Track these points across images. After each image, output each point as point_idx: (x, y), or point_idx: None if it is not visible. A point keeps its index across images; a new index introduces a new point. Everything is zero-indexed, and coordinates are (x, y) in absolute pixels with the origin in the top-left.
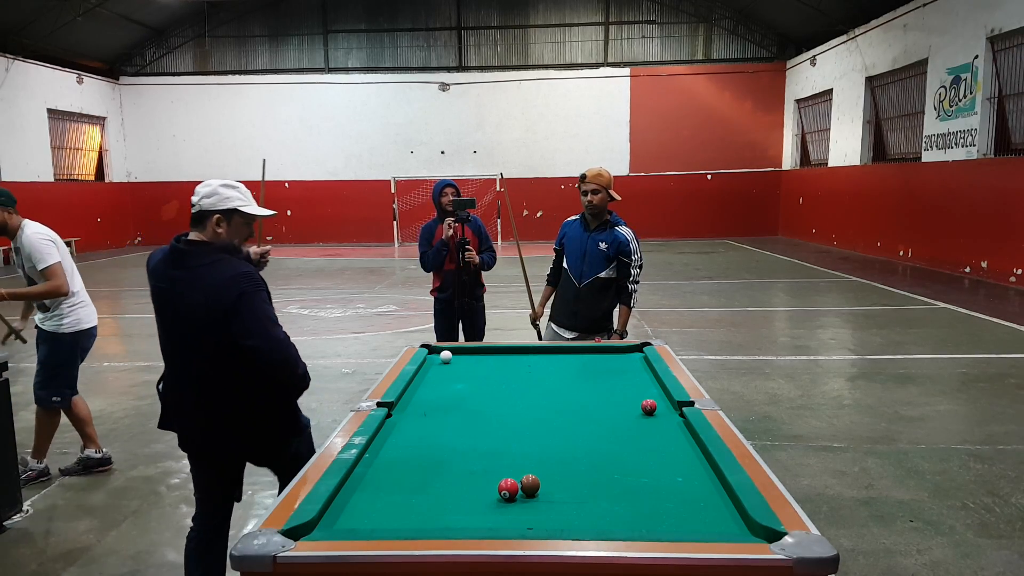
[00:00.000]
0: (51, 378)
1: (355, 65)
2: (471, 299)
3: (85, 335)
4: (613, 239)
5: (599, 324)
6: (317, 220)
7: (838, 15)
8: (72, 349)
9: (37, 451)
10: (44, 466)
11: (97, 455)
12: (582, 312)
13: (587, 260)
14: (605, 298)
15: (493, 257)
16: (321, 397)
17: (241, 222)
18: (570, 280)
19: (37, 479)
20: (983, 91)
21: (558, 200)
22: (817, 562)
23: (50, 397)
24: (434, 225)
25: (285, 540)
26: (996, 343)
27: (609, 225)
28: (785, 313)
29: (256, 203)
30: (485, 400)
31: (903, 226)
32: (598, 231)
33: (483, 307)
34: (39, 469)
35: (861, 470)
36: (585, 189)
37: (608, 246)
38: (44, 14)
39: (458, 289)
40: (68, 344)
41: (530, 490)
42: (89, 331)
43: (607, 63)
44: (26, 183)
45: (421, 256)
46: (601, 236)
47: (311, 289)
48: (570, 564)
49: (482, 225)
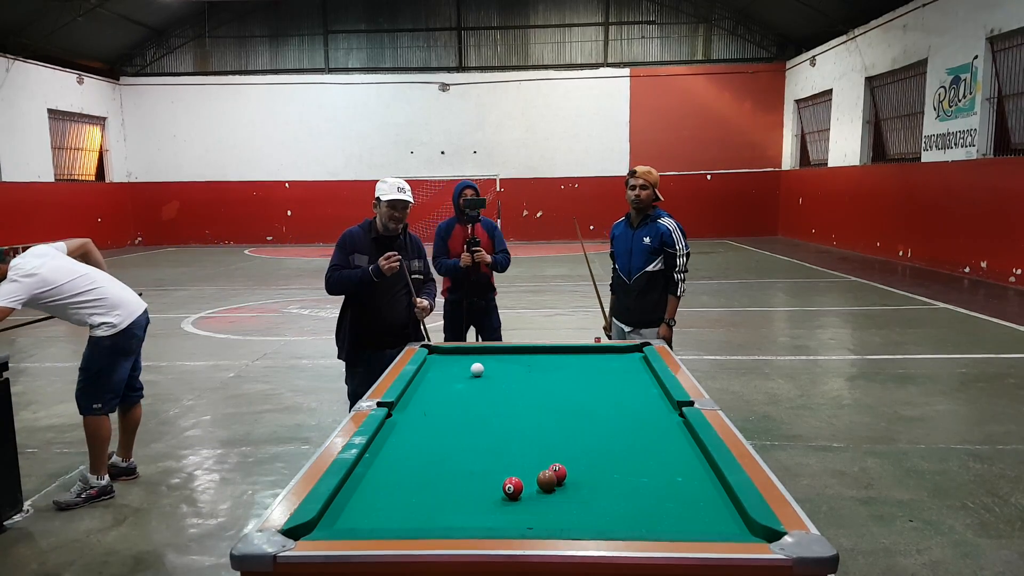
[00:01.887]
0: (90, 384)
1: (355, 65)
2: (480, 300)
3: (123, 336)
4: (656, 232)
5: (651, 317)
6: (317, 220)
7: (838, 15)
8: (111, 354)
9: (94, 466)
10: (107, 482)
11: (123, 464)
12: (635, 307)
13: (633, 256)
14: (655, 291)
15: (507, 259)
16: (321, 397)
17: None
18: (620, 278)
19: (99, 497)
20: (983, 91)
21: (558, 200)
22: (817, 562)
23: (91, 404)
24: (451, 224)
25: (285, 540)
26: (995, 343)
27: (652, 219)
28: (785, 313)
29: (395, 192)
30: (485, 400)
31: (903, 226)
32: (642, 227)
33: (495, 307)
34: (100, 486)
35: (861, 470)
36: (633, 183)
37: (652, 239)
38: (44, 14)
39: (467, 289)
40: (106, 349)
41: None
42: (127, 331)
43: (607, 63)
44: (26, 183)
45: (434, 259)
46: (644, 231)
47: (311, 289)
48: (570, 564)
49: (496, 226)
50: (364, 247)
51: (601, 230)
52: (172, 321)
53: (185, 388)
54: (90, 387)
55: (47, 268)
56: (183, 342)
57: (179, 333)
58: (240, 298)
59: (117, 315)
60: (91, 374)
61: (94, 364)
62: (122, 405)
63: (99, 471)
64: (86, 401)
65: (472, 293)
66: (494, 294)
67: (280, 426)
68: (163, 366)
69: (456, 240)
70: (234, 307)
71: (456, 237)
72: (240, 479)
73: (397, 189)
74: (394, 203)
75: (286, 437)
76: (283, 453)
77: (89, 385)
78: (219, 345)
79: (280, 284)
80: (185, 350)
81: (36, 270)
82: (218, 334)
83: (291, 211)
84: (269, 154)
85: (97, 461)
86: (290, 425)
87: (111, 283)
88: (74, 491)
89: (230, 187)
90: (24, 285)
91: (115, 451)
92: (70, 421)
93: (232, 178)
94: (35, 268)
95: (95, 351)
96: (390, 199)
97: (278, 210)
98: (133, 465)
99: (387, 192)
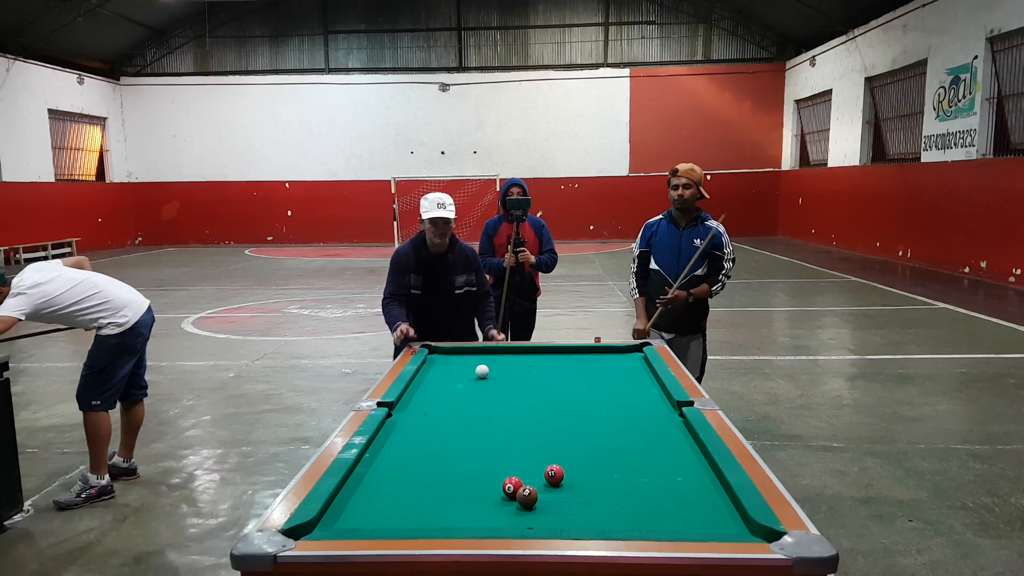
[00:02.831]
0: (92, 380)
1: (355, 65)
2: (523, 301)
3: (130, 335)
4: (707, 233)
5: (696, 324)
6: (317, 220)
7: (838, 15)
8: (116, 352)
9: (94, 465)
10: (107, 482)
11: (124, 464)
12: (680, 312)
13: (683, 257)
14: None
15: (553, 259)
16: (321, 397)
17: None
18: (665, 280)
19: (100, 497)
20: (982, 91)
21: (558, 200)
22: (816, 562)
23: (90, 400)
24: (497, 222)
25: (285, 540)
26: (995, 343)
27: (700, 221)
28: (785, 313)
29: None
30: (485, 400)
31: (902, 226)
32: (690, 227)
33: (535, 310)
34: (100, 486)
35: (860, 470)
36: (676, 183)
37: (702, 240)
38: (44, 14)
39: (509, 290)
40: (112, 347)
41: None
42: (133, 330)
43: (607, 63)
44: (27, 183)
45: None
46: (693, 232)
47: (311, 289)
48: (570, 564)
49: (543, 225)
50: (414, 266)
51: (600, 230)
52: (172, 321)
53: (185, 388)
54: (92, 384)
55: (47, 281)
56: (183, 342)
57: (179, 333)
58: (240, 298)
59: (123, 315)
60: (95, 371)
61: (99, 362)
62: (125, 403)
63: (99, 471)
64: (86, 397)
65: (516, 294)
66: (537, 294)
67: (280, 426)
68: (163, 366)
69: (502, 238)
70: (234, 307)
71: (502, 235)
72: (240, 479)
73: (437, 205)
74: (435, 220)
75: (286, 437)
76: (283, 453)
77: (91, 382)
78: (219, 345)
79: (280, 284)
80: (185, 350)
81: (38, 283)
82: (218, 334)
83: (291, 211)
84: (269, 154)
85: (97, 460)
86: (290, 425)
87: (112, 284)
88: (74, 491)
89: (230, 187)
90: (28, 297)
91: (116, 451)
92: (70, 421)
93: (232, 178)
94: (36, 281)
95: (101, 348)
96: (430, 217)
97: (278, 210)
98: (134, 466)
99: (427, 210)
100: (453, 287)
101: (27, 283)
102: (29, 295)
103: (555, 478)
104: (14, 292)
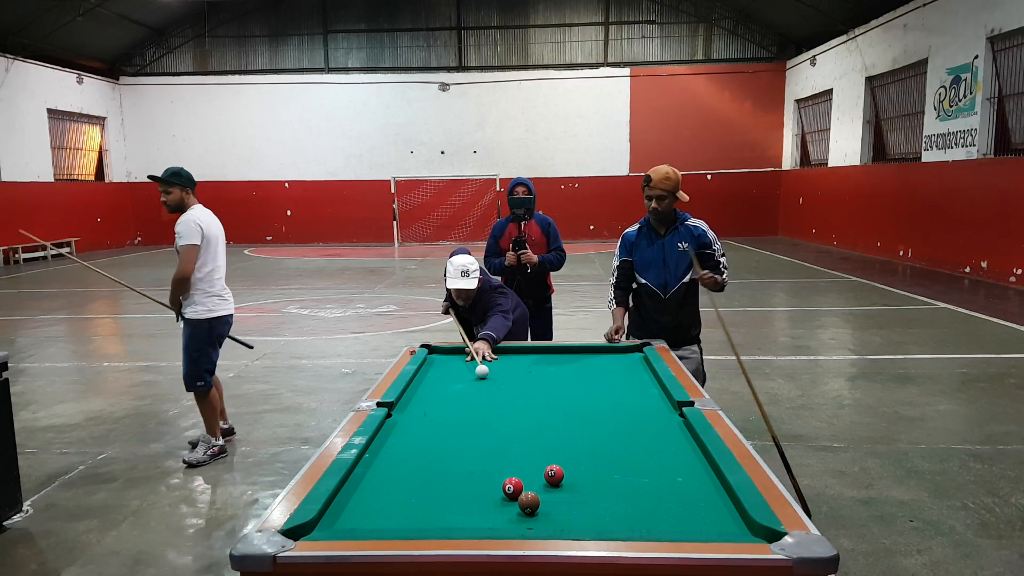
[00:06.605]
0: (192, 364)
1: (355, 65)
2: (533, 301)
3: (219, 322)
4: (690, 234)
5: (689, 334)
6: (317, 220)
7: (838, 15)
8: (208, 335)
9: (211, 429)
10: (223, 442)
11: (224, 425)
12: (672, 324)
13: (669, 266)
14: (692, 304)
15: (560, 257)
16: (321, 397)
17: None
18: (654, 293)
19: (220, 455)
20: (983, 91)
21: (558, 200)
22: (817, 562)
23: (194, 382)
24: (504, 223)
25: (285, 540)
26: (996, 343)
27: (680, 222)
28: (785, 313)
29: (457, 280)
30: (485, 400)
31: (903, 226)
32: (671, 233)
33: (550, 308)
34: (220, 445)
35: (861, 470)
36: (650, 195)
37: (688, 243)
38: (44, 14)
39: (518, 288)
40: (204, 330)
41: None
42: (223, 319)
43: (607, 63)
44: (26, 183)
45: (486, 258)
46: (676, 237)
47: (311, 289)
48: (570, 564)
49: (551, 223)
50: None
51: (601, 230)
52: (172, 321)
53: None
54: (192, 367)
55: (207, 227)
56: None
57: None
58: (240, 298)
59: (221, 304)
60: (192, 353)
61: (194, 344)
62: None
63: (215, 433)
64: (191, 380)
65: (524, 293)
66: (550, 293)
67: (279, 426)
68: (163, 366)
69: (508, 238)
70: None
71: (508, 235)
72: (240, 479)
73: (461, 274)
74: (457, 292)
75: (286, 437)
76: (283, 453)
77: (192, 365)
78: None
79: (280, 284)
80: None
81: (200, 223)
82: None
83: (291, 211)
84: (269, 154)
85: (211, 425)
86: (289, 425)
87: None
88: (199, 451)
89: (230, 187)
90: (198, 231)
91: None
92: (70, 421)
93: (232, 178)
94: (200, 221)
95: (195, 332)
96: (453, 288)
97: (278, 210)
98: (230, 425)
99: (449, 280)
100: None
101: (194, 221)
102: (197, 230)
103: (555, 478)
104: (186, 222)
